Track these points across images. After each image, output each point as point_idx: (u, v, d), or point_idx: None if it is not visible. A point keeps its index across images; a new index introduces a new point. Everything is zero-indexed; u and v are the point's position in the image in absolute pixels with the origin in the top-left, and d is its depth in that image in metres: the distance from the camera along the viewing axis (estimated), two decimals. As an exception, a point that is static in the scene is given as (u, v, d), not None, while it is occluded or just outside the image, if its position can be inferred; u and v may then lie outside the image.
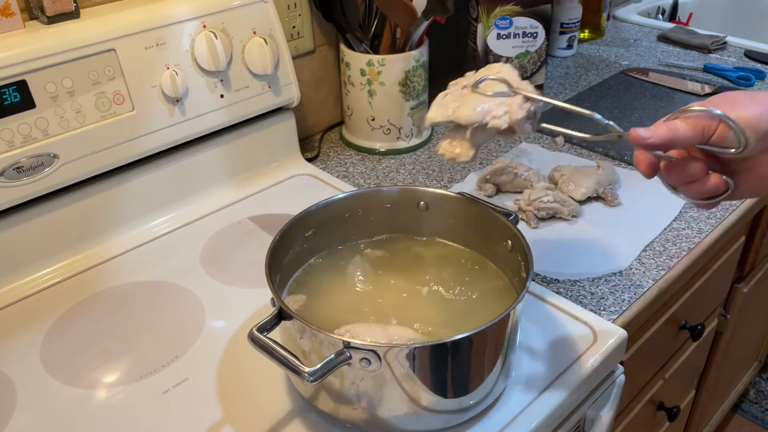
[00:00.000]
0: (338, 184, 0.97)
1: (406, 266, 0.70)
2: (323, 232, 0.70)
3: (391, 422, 0.56)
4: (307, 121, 1.12)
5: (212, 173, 0.93)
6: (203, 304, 0.75)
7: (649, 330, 0.88)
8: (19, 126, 0.72)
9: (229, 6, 0.86)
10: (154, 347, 0.69)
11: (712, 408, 1.50)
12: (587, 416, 0.70)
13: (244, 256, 0.83)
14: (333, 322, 0.63)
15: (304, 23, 1.04)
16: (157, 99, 0.82)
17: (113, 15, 0.79)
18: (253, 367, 0.65)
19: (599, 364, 0.66)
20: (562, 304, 0.73)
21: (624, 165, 1.01)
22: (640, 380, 0.96)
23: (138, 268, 0.81)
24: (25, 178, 0.74)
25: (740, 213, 0.91)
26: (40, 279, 0.79)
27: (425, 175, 1.00)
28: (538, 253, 0.80)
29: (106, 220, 0.84)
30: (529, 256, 0.59)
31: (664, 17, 1.73)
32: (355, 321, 0.63)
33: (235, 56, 0.88)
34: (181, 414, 0.62)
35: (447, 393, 0.56)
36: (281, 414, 0.61)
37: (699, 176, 0.53)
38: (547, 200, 0.85)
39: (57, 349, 0.69)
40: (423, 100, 1.06)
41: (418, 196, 0.71)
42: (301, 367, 0.50)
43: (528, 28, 1.10)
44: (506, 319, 0.56)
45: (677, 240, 0.84)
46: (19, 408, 0.63)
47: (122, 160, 0.82)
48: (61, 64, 0.74)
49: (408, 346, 0.52)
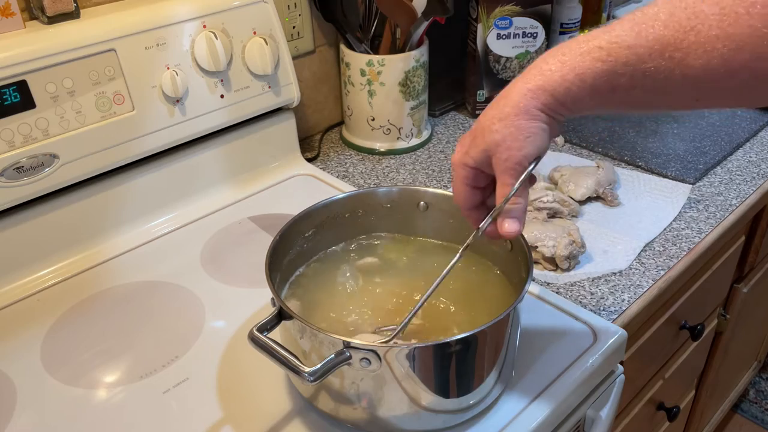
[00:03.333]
0: (338, 184, 0.97)
1: (406, 266, 0.70)
2: (323, 232, 0.70)
3: (391, 422, 0.56)
4: (307, 121, 1.12)
5: (212, 173, 0.93)
6: (203, 304, 0.75)
7: (648, 330, 0.88)
8: (20, 126, 0.72)
9: (229, 6, 0.86)
10: (154, 347, 0.69)
11: (712, 408, 1.50)
12: (587, 416, 0.70)
13: (244, 256, 0.83)
14: (333, 322, 0.63)
15: (304, 23, 1.04)
16: (158, 99, 0.82)
17: (113, 15, 0.79)
18: (253, 367, 0.65)
19: (599, 364, 0.66)
20: (562, 304, 0.73)
21: (624, 165, 1.01)
22: (640, 380, 0.96)
23: (138, 268, 0.81)
24: (25, 178, 0.74)
25: (740, 213, 0.91)
26: (40, 279, 0.79)
27: (425, 175, 1.00)
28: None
29: (106, 220, 0.84)
30: (529, 256, 0.59)
31: (664, 17, 1.73)
32: (356, 321, 0.63)
33: (235, 56, 0.88)
34: (181, 414, 0.62)
35: (447, 393, 0.56)
36: (281, 414, 0.61)
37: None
38: (547, 200, 0.85)
39: (57, 349, 0.69)
40: (423, 100, 1.06)
41: (418, 196, 0.71)
42: (301, 367, 0.50)
43: (528, 28, 1.10)
44: (506, 319, 0.56)
45: (677, 240, 0.84)
46: (19, 408, 0.63)
47: (122, 160, 0.82)
48: (62, 64, 0.74)
49: (408, 346, 0.52)
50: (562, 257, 0.77)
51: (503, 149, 0.51)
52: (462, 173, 0.55)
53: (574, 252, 0.78)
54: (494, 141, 0.52)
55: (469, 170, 0.55)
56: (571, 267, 0.79)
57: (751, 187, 0.95)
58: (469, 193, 0.56)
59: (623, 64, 0.46)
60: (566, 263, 0.78)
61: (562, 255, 0.77)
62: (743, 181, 0.96)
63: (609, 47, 0.47)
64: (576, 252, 0.78)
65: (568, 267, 0.78)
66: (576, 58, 0.48)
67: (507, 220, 0.54)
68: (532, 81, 0.50)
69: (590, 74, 0.48)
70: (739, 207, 0.91)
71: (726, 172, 0.99)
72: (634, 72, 0.46)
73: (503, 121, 0.51)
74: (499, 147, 0.51)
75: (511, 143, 0.51)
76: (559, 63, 0.49)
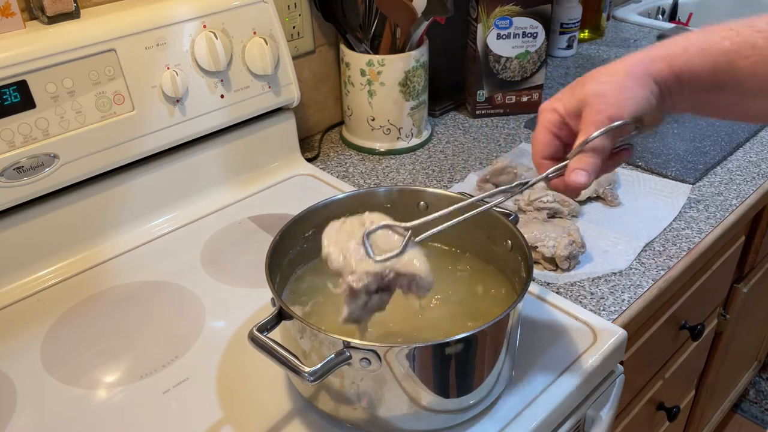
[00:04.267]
0: (338, 184, 0.97)
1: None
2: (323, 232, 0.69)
3: (392, 422, 0.56)
4: (307, 121, 1.12)
5: (212, 173, 0.93)
6: (203, 304, 0.75)
7: (648, 330, 0.88)
8: (20, 126, 0.72)
9: (229, 6, 0.86)
10: (154, 347, 0.69)
11: (712, 408, 1.50)
12: (587, 416, 0.70)
13: (244, 256, 0.83)
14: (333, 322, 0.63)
15: (304, 23, 1.04)
16: (158, 99, 0.82)
17: (113, 15, 0.79)
18: (253, 367, 0.65)
19: (599, 364, 0.66)
20: (562, 304, 0.73)
21: (624, 165, 1.01)
22: (639, 380, 0.96)
23: (138, 268, 0.81)
24: (25, 178, 0.74)
25: (740, 213, 0.91)
26: (40, 279, 0.79)
27: (425, 175, 1.00)
28: (538, 253, 0.80)
29: (106, 220, 0.84)
30: (529, 256, 0.59)
31: (664, 17, 1.73)
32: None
33: (235, 56, 0.88)
34: (181, 414, 0.62)
35: (447, 393, 0.56)
36: (281, 414, 0.61)
37: (613, 163, 0.55)
38: (547, 200, 0.85)
39: (57, 349, 0.69)
40: (423, 100, 1.06)
41: (418, 196, 0.71)
42: (301, 367, 0.50)
43: (528, 28, 1.10)
44: (506, 319, 0.56)
45: (677, 240, 0.84)
46: (19, 408, 0.63)
47: (122, 160, 0.82)
48: (62, 64, 0.74)
49: (408, 346, 0.52)
50: (562, 257, 0.77)
51: (599, 101, 0.50)
52: (548, 117, 0.54)
53: (574, 252, 0.78)
54: (594, 91, 0.50)
55: (555, 116, 0.53)
56: (571, 267, 0.79)
57: (751, 187, 0.95)
58: (549, 140, 0.54)
59: (751, 46, 0.46)
60: (566, 263, 0.78)
61: (562, 255, 0.77)
62: (743, 181, 0.96)
63: (739, 28, 0.47)
64: (576, 252, 0.78)
65: (568, 267, 0.78)
66: (703, 35, 0.48)
67: (576, 171, 0.51)
68: (653, 50, 0.50)
69: (715, 49, 0.47)
70: (739, 207, 0.91)
71: (726, 172, 0.99)
72: (760, 57, 0.46)
73: (611, 76, 0.50)
74: (597, 98, 0.50)
75: (610, 98, 0.49)
76: (683, 38, 0.49)
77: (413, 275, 0.53)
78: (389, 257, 0.52)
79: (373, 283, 0.53)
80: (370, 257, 0.52)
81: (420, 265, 0.53)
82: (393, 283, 0.54)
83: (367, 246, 0.53)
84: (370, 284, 0.52)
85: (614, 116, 0.49)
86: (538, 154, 0.55)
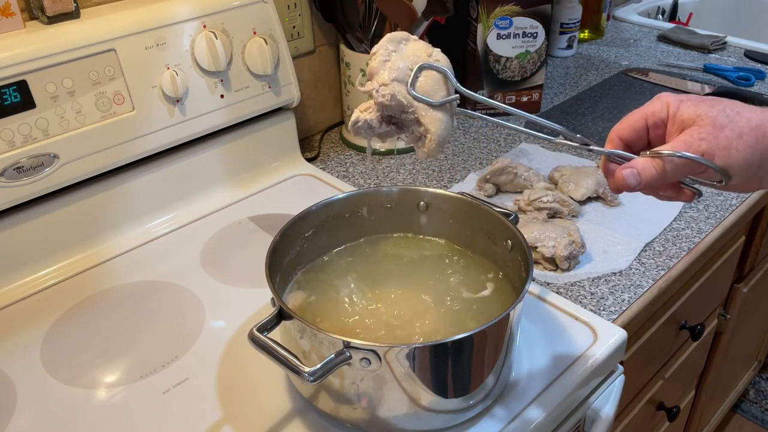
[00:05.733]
0: (338, 184, 0.97)
1: (406, 266, 0.70)
2: (323, 232, 0.70)
3: (392, 422, 0.56)
4: (307, 121, 1.12)
5: (212, 173, 0.93)
6: (203, 304, 0.75)
7: (648, 330, 0.88)
8: (20, 126, 0.72)
9: (229, 6, 0.86)
10: (154, 347, 0.69)
11: (712, 408, 1.50)
12: (587, 416, 0.70)
13: (244, 256, 0.83)
14: (333, 322, 0.63)
15: (304, 23, 1.04)
16: (158, 99, 0.82)
17: (113, 15, 0.79)
18: (253, 367, 0.65)
19: (599, 364, 0.66)
20: (562, 304, 0.73)
21: (624, 165, 1.01)
22: (640, 380, 0.96)
23: (138, 268, 0.81)
24: (25, 178, 0.74)
25: (740, 213, 0.91)
26: (40, 279, 0.79)
27: (425, 175, 1.00)
28: (538, 253, 0.80)
29: (106, 220, 0.84)
30: (529, 256, 0.59)
31: (663, 17, 1.73)
32: (356, 321, 0.63)
33: (235, 56, 0.88)
34: (181, 414, 0.62)
35: (447, 393, 0.56)
36: (281, 414, 0.61)
37: (671, 195, 0.53)
38: (547, 200, 0.85)
39: (57, 349, 0.69)
40: (423, 100, 1.05)
41: (418, 196, 0.71)
42: (301, 367, 0.50)
43: (528, 28, 1.10)
44: (506, 319, 0.56)
45: (677, 240, 0.84)
46: (19, 408, 0.63)
47: (122, 160, 0.82)
48: (62, 64, 0.74)
49: (408, 346, 0.52)
50: (562, 257, 0.77)
51: (711, 132, 0.47)
52: (656, 108, 0.51)
53: (574, 252, 0.78)
54: (716, 121, 0.47)
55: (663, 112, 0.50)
56: (571, 267, 0.79)
57: (751, 187, 0.95)
58: (640, 126, 0.51)
59: None
60: (566, 263, 0.78)
61: (562, 255, 0.77)
62: (743, 181, 0.96)
63: None
64: (576, 252, 0.78)
65: (568, 267, 0.78)
66: None
67: (633, 171, 0.49)
68: None
69: None
70: (739, 207, 0.91)
71: (726, 172, 0.99)
72: None
73: (741, 119, 0.47)
74: (712, 128, 0.47)
75: (723, 140, 0.46)
76: None
77: (428, 131, 0.52)
78: (424, 99, 0.51)
79: (390, 109, 0.51)
80: (406, 85, 0.51)
81: (440, 131, 0.52)
82: (407, 124, 0.52)
83: (413, 75, 0.51)
84: (388, 108, 0.51)
85: (711, 155, 0.47)
86: (618, 130, 0.52)
